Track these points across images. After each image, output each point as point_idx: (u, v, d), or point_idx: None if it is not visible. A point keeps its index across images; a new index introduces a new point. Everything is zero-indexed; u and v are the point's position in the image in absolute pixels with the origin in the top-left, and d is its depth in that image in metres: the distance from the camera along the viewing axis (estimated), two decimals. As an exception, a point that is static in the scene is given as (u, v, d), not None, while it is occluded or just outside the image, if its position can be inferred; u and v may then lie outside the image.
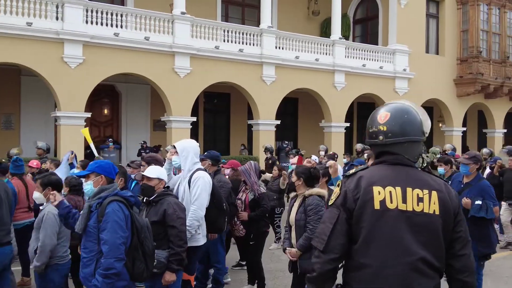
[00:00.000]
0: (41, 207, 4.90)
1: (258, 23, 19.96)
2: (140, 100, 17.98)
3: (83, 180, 4.14)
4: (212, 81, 15.67)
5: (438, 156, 8.95)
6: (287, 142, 18.70)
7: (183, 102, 15.09)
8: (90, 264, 3.61)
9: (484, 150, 13.53)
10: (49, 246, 4.59)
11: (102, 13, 13.74)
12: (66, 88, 13.05)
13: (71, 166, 8.09)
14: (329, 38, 18.55)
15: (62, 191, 5.59)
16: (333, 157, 10.96)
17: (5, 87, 15.51)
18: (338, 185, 2.35)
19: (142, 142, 16.56)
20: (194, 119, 15.55)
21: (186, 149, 5.02)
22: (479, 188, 5.63)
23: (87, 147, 12.33)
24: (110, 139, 15.54)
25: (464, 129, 22.39)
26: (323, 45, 18.07)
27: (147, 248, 3.79)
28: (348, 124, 18.84)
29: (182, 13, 15.00)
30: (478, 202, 5.49)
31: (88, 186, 3.80)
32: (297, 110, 21.49)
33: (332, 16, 18.73)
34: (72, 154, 7.89)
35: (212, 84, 15.77)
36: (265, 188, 6.45)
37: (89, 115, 13.84)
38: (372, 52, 19.36)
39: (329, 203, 2.33)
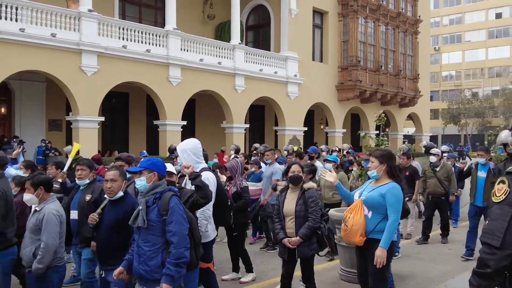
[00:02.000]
0: (36, 208, 4.79)
1: (155, 23, 20.06)
2: (35, 98, 17.01)
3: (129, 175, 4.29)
4: (119, 80, 15.48)
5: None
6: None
7: (90, 101, 14.69)
8: (156, 256, 3.79)
9: (345, 145, 16.25)
10: (54, 247, 4.55)
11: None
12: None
13: (15, 161, 7.73)
14: (228, 42, 19.30)
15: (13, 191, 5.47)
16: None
17: None
18: (502, 182, 2.44)
19: (47, 142, 15.79)
20: (102, 118, 15.21)
21: (185, 151, 5.17)
22: None
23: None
24: (15, 139, 14.52)
25: (344, 130, 24.60)
26: (225, 49, 18.74)
27: (197, 238, 4.12)
28: (248, 125, 19.73)
29: (89, 10, 14.63)
30: None
31: (142, 182, 3.94)
32: (195, 111, 21.85)
33: (231, 22, 19.49)
34: (20, 149, 7.56)
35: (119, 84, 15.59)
36: (246, 182, 6.94)
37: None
38: (268, 58, 20.50)
39: (497, 201, 2.41)
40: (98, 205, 4.93)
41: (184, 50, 17.27)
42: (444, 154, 12.42)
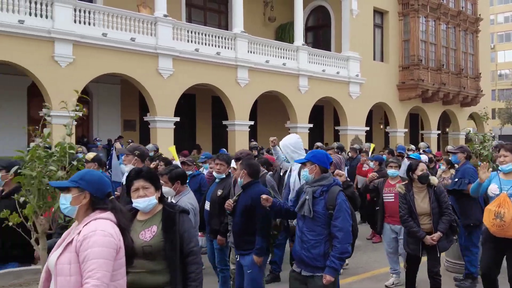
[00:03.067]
0: (172, 200, 5.17)
1: (219, 26, 20.56)
2: (111, 100, 17.93)
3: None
4: (192, 82, 16.07)
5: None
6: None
7: (166, 103, 15.35)
8: (319, 246, 4.09)
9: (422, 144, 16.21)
10: None
11: None
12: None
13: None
14: (290, 43, 19.63)
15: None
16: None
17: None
18: None
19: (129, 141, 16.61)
20: (178, 119, 15.85)
21: (287, 146, 5.79)
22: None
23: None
24: (97, 139, 15.39)
25: (406, 130, 24.47)
26: (289, 51, 19.09)
27: (355, 231, 4.43)
28: (311, 125, 20.01)
29: (165, 15, 15.29)
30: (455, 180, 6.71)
31: (305, 173, 4.29)
32: (256, 112, 22.26)
33: (294, 23, 19.84)
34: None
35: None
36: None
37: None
38: (330, 58, 20.71)
39: None
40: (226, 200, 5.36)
41: (251, 52, 17.72)
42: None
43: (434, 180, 5.66)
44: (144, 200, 3.33)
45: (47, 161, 3.42)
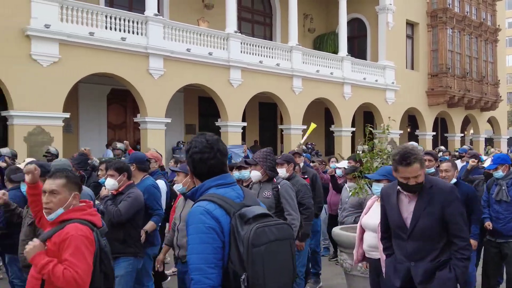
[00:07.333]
0: None
1: (264, 37, 22.36)
2: (175, 106, 19.62)
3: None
4: (256, 91, 17.84)
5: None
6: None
7: (236, 109, 17.12)
8: (510, 221, 5.83)
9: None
10: None
11: None
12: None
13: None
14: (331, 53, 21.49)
15: None
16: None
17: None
18: None
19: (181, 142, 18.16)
20: (245, 124, 17.60)
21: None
22: None
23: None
24: (182, 142, 17.16)
25: (434, 133, 26.35)
26: (335, 61, 20.94)
27: None
28: (354, 129, 21.84)
29: (235, 31, 17.06)
30: None
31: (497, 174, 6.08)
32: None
33: (339, 35, 21.73)
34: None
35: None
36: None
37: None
38: (369, 67, 22.56)
39: None
40: None
41: (304, 63, 19.52)
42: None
43: None
44: None
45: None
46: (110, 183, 4.89)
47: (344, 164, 9.08)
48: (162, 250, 5.26)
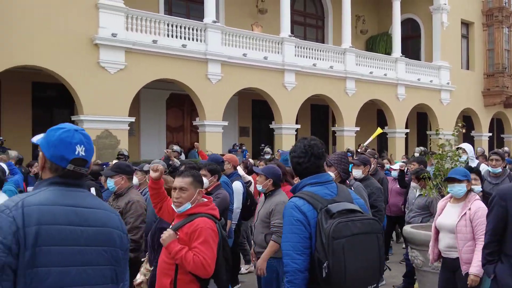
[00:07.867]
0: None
1: (316, 40, 22.49)
2: (230, 109, 20.10)
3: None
4: (309, 94, 18.06)
5: None
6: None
7: (290, 112, 17.40)
8: None
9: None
10: None
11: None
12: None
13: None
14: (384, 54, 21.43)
15: None
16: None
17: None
18: None
19: (237, 144, 18.30)
20: (299, 126, 17.89)
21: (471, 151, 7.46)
22: None
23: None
24: (237, 144, 17.63)
25: (490, 134, 25.76)
26: (389, 62, 20.87)
27: None
28: (408, 130, 21.69)
29: (289, 36, 17.34)
30: None
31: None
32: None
33: (393, 36, 21.70)
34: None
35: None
36: None
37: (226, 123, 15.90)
38: (424, 67, 22.35)
39: None
40: None
41: (358, 65, 19.58)
42: None
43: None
44: None
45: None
46: None
47: (396, 166, 9.30)
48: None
